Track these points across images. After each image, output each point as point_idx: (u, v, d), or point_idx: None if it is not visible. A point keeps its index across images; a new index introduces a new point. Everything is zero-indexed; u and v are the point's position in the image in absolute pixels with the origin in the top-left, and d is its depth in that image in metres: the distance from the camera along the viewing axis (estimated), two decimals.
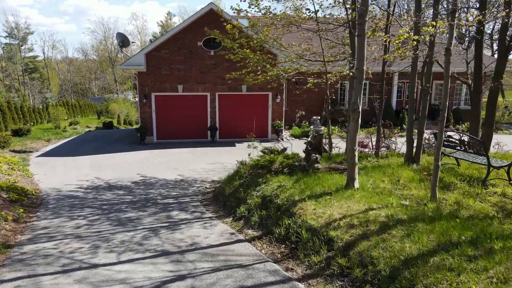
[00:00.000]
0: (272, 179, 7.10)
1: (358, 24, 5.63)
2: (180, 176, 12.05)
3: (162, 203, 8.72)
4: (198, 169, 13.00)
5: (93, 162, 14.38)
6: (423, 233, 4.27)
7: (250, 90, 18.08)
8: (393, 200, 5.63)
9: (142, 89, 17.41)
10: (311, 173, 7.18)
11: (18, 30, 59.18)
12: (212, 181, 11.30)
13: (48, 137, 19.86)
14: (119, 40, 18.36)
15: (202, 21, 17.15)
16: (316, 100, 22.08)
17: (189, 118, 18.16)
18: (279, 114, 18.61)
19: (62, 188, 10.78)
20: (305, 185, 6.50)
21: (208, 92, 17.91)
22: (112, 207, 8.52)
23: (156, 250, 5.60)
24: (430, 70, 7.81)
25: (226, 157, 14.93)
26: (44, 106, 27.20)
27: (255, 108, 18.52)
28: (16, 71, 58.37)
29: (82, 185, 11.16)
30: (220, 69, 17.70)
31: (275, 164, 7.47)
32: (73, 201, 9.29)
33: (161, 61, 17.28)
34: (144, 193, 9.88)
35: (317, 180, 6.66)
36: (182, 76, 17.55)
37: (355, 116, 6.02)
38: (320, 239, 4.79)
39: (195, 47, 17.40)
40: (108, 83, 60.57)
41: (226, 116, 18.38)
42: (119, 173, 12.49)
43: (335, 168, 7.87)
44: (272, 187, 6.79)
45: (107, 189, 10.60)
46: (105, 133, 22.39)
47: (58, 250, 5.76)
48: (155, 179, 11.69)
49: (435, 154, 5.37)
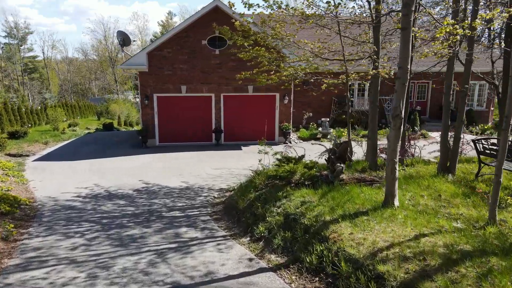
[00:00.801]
0: (294, 193, 6.24)
1: (404, 16, 4.79)
2: (185, 183, 11.20)
3: (168, 216, 7.87)
4: (204, 175, 12.16)
5: (92, 167, 13.53)
6: (504, 274, 3.41)
7: (257, 91, 17.23)
8: (443, 222, 4.79)
9: (144, 90, 16.56)
10: (336, 186, 6.34)
11: (17, 30, 58.36)
12: (220, 189, 10.45)
13: (46, 139, 19.01)
14: (120, 38, 17.50)
15: (207, 19, 16.29)
16: (324, 101, 21.22)
17: (192, 120, 17.31)
18: (286, 116, 17.75)
19: (59, 197, 9.93)
20: (333, 201, 5.65)
21: (213, 93, 17.06)
22: (112, 221, 7.67)
23: (165, 282, 4.74)
24: (469, 69, 6.97)
25: (232, 161, 14.08)
26: (43, 107, 26.35)
27: (261, 110, 17.67)
28: (16, 71, 57.53)
29: (80, 193, 10.32)
30: (225, 69, 16.85)
31: (295, 175, 6.61)
32: (70, 212, 8.44)
33: (164, 60, 16.42)
34: (148, 203, 9.03)
35: (346, 195, 5.81)
36: (186, 76, 16.69)
37: (396, 123, 5.18)
38: (366, 275, 3.94)
39: (199, 46, 16.54)
40: (108, 83, 59.73)
41: (231, 118, 17.53)
42: (120, 180, 11.65)
43: (361, 179, 7.02)
44: (295, 203, 5.94)
45: (107, 198, 9.76)
46: (105, 135, 21.54)
47: (48, 281, 4.90)
48: (158, 187, 10.84)
49: (497, 168, 4.53)
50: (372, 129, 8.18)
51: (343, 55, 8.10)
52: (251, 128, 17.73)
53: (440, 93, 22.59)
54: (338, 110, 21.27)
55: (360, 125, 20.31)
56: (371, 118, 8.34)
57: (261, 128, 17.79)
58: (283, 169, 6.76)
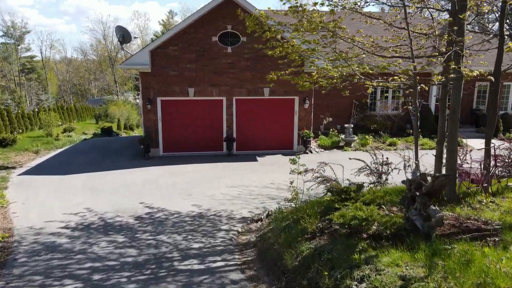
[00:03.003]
0: (380, 257, 4.07)
1: None
2: (197, 207, 9.26)
3: (183, 270, 5.85)
4: (218, 196, 10.21)
5: (87, 183, 11.59)
6: None
7: (273, 94, 15.27)
8: None
9: (146, 93, 14.59)
10: (437, 243, 4.31)
11: (14, 29, 56.41)
12: (243, 218, 8.48)
13: (36, 148, 17.07)
14: (119, 35, 15.53)
15: (218, 12, 14.36)
16: (342, 104, 19.24)
17: (201, 127, 15.35)
18: (307, 122, 15.77)
19: (42, 229, 8.00)
20: (452, 277, 3.62)
21: (224, 96, 15.09)
22: (107, 277, 5.67)
23: None
24: None
25: (249, 177, 12.13)
26: (36, 111, 24.38)
27: (278, 115, 15.71)
28: (13, 72, 55.55)
29: (69, 222, 8.38)
30: (238, 69, 14.89)
31: (371, 225, 4.60)
32: (51, 258, 6.48)
33: (169, 59, 14.46)
34: (153, 242, 7.06)
35: (468, 267, 3.71)
36: (193, 77, 14.73)
37: None
38: None
39: (208, 43, 14.58)
40: (108, 84, 57.73)
41: (244, 125, 15.56)
42: (118, 202, 9.71)
43: (459, 225, 4.90)
44: (389, 278, 3.87)
45: (102, 231, 7.80)
46: (103, 142, 19.57)
47: None
48: (165, 213, 8.90)
49: None
50: (450, 142, 6.15)
51: (411, 50, 6.12)
52: (267, 136, 15.77)
53: (470, 95, 20.60)
54: (359, 114, 19.29)
55: (386, 132, 18.34)
56: (451, 131, 6.23)
57: (278, 136, 15.84)
58: (352, 213, 4.66)
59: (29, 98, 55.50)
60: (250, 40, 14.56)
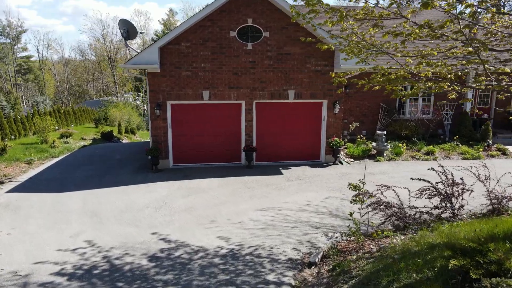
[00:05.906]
0: None
1: None
2: (226, 242, 7.38)
3: None
4: (248, 224, 8.33)
5: (86, 205, 9.69)
6: None
7: (299, 97, 13.39)
8: None
9: (155, 97, 12.67)
10: None
11: (10, 28, 54.41)
12: (289, 259, 6.59)
13: (29, 157, 15.15)
14: (123, 29, 13.60)
15: (238, 3, 12.47)
16: (367, 108, 17.40)
17: (216, 135, 13.45)
18: (336, 129, 13.88)
19: (30, 276, 6.13)
20: None
21: (243, 99, 13.19)
22: None
23: None
24: None
25: (278, 195, 10.25)
26: (30, 115, 22.43)
27: (304, 121, 13.83)
28: (8, 72, 53.55)
29: (64, 265, 6.50)
30: (259, 68, 13.01)
31: None
32: None
33: (181, 58, 12.56)
34: None
35: None
36: (209, 78, 12.84)
37: None
38: None
39: (226, 39, 12.69)
40: (107, 85, 55.71)
41: (266, 132, 13.67)
42: (125, 232, 7.82)
43: None
44: None
45: (108, 280, 5.92)
46: (105, 150, 17.66)
47: None
48: (186, 250, 7.01)
49: None
50: None
51: None
52: (290, 145, 13.89)
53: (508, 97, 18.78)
54: (386, 118, 17.41)
55: (417, 138, 16.47)
56: None
57: (303, 145, 13.96)
58: None
59: (25, 99, 53.53)
60: (273, 35, 12.69)
